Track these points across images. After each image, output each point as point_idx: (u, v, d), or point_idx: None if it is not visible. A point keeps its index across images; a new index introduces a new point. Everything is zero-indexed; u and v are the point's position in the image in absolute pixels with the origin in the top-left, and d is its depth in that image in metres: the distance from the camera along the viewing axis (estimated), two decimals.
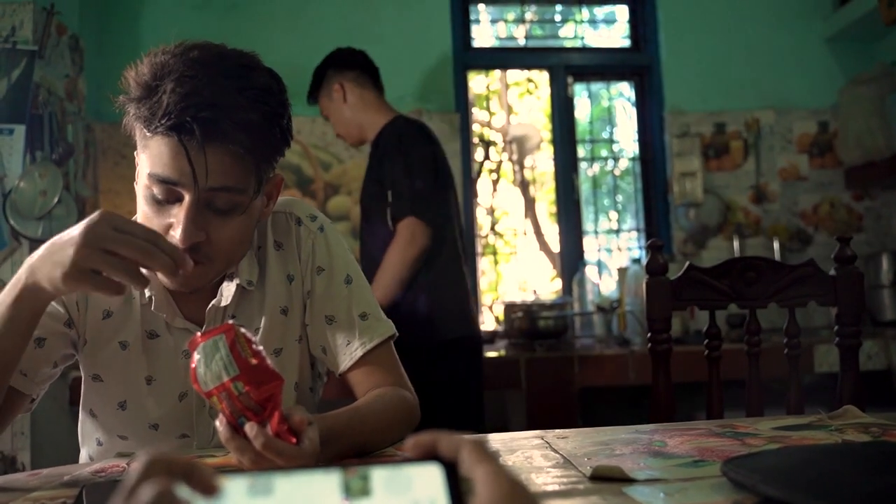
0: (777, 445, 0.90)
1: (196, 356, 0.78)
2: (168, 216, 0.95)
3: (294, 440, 0.77)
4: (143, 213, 0.97)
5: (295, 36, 3.04)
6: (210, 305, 1.07)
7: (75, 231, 0.82)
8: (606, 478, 0.77)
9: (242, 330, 0.80)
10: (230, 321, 0.83)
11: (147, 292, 1.06)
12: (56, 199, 2.27)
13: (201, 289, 1.04)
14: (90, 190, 2.75)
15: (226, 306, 1.08)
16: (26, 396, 1.04)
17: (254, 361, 0.78)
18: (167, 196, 0.94)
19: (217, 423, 0.78)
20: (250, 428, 0.76)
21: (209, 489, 0.42)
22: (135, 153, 1.00)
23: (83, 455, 1.15)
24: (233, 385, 0.77)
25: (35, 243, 2.24)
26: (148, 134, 0.93)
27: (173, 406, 1.08)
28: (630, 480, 0.76)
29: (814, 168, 3.24)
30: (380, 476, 0.44)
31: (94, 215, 0.84)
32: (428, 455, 0.45)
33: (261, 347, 0.81)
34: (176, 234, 0.93)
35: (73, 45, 2.56)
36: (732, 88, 3.23)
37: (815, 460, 0.79)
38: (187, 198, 0.93)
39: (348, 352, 1.09)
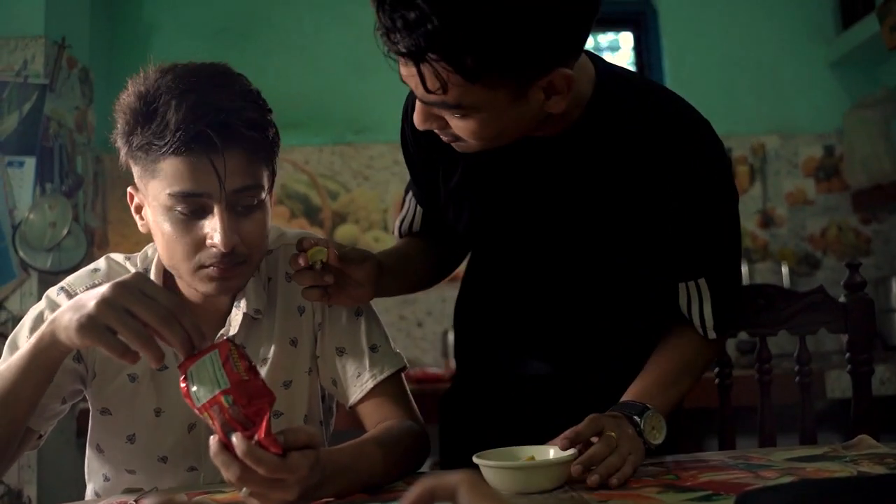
0: (791, 478, 0.89)
1: (189, 373, 0.80)
2: (198, 230, 0.96)
3: (279, 452, 0.76)
4: (169, 237, 0.98)
5: (304, 66, 3.06)
6: (218, 335, 1.07)
7: (104, 286, 0.83)
8: None
9: (237, 347, 0.82)
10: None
11: None
12: (65, 231, 2.28)
13: (236, 291, 1.06)
14: (99, 221, 2.76)
15: (233, 336, 1.08)
16: (34, 433, 1.04)
17: (245, 377, 0.79)
18: (193, 209, 0.96)
19: (211, 439, 0.78)
20: (235, 437, 0.76)
21: None
22: (130, 189, 1.02)
23: (89, 492, 1.14)
24: (224, 398, 0.78)
25: (44, 275, 2.25)
26: (158, 158, 0.94)
27: (182, 438, 1.08)
28: None
29: (820, 192, 3.24)
30: None
31: (128, 275, 0.85)
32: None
33: (255, 365, 0.82)
34: (216, 241, 0.95)
35: (83, 77, 2.58)
36: (737, 114, 3.24)
37: (831, 494, 0.78)
38: (217, 205, 0.95)
39: (359, 383, 1.09)
